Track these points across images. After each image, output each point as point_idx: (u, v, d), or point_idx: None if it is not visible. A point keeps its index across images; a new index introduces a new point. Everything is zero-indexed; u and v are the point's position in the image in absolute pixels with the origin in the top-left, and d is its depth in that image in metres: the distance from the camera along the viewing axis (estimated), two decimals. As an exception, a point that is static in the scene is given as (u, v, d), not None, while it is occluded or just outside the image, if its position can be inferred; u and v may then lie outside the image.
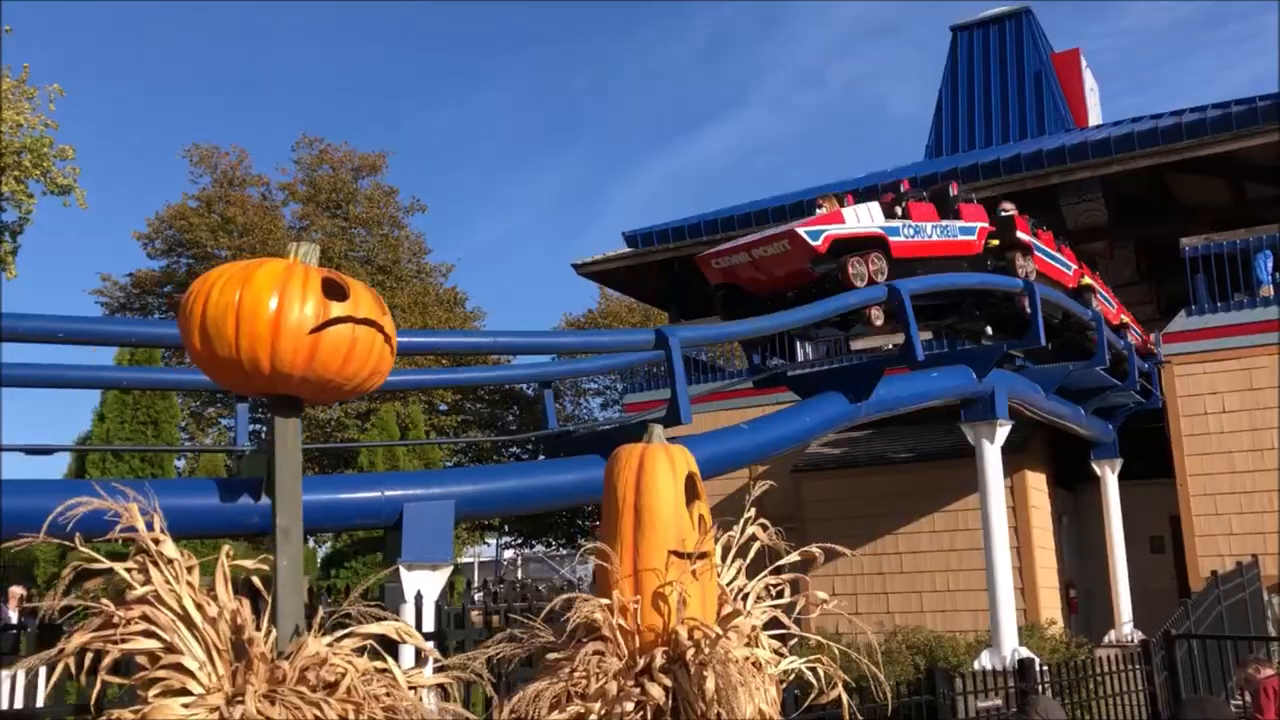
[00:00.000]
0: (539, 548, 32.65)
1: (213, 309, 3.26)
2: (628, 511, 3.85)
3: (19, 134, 17.44)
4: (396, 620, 3.50)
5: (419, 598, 5.50)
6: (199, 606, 3.27)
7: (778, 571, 4.15)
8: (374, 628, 3.43)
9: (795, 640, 4.13)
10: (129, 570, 3.27)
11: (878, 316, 9.26)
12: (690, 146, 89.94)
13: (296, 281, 3.31)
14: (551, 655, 3.79)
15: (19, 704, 5.68)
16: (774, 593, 4.11)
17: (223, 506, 5.97)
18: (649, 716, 3.55)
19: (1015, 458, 14.19)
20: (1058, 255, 12.38)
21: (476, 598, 15.79)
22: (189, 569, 3.33)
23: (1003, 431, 10.59)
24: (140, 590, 3.23)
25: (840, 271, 8.84)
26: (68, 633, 3.20)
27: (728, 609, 3.91)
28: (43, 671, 3.80)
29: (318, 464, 21.76)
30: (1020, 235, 10.98)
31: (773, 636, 3.97)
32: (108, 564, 3.25)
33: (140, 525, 3.25)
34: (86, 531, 3.22)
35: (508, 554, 36.99)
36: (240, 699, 3.15)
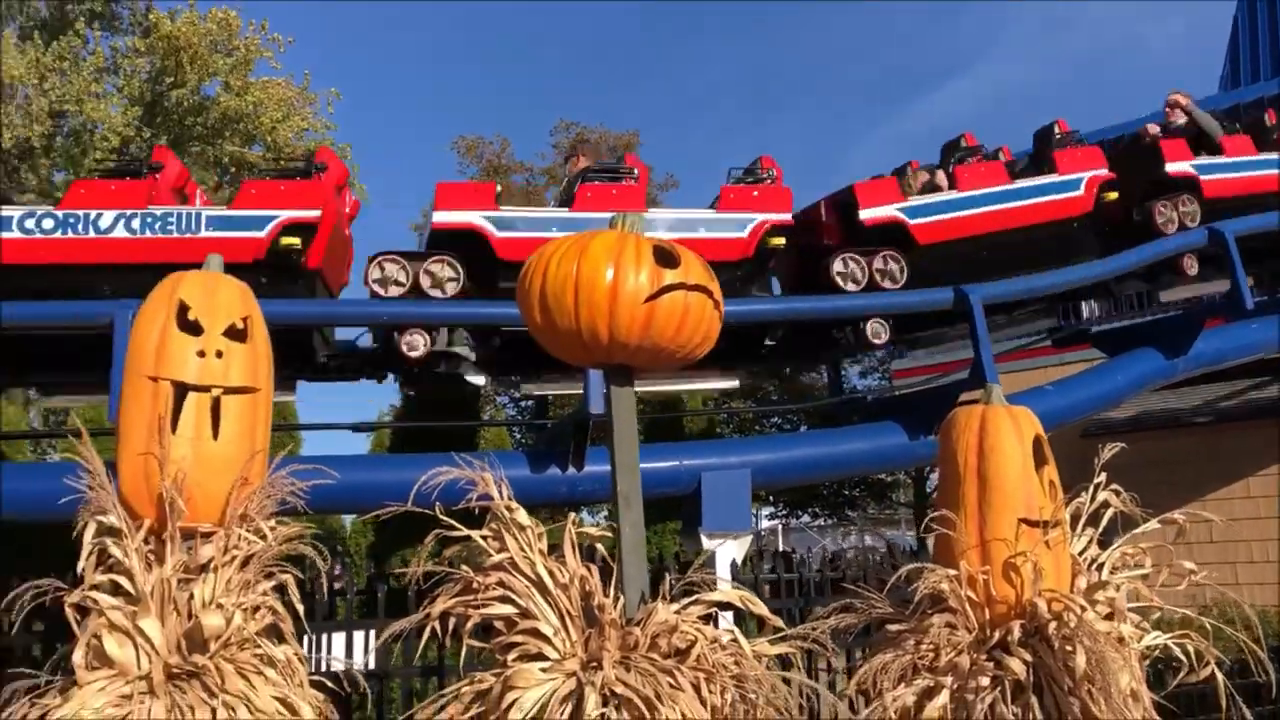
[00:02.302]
0: (804, 518, 32.37)
1: (551, 282, 3.30)
2: (970, 477, 3.64)
3: (304, 138, 18.94)
4: (740, 588, 3.46)
5: (734, 566, 5.49)
6: (550, 573, 3.34)
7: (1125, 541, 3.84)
8: (717, 595, 3.39)
9: (1157, 614, 3.81)
10: (485, 538, 3.39)
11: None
12: (931, 104, 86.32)
13: (630, 251, 3.30)
14: (893, 627, 3.65)
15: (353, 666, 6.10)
16: (1131, 563, 3.80)
17: (534, 477, 6.20)
18: (1007, 691, 3.35)
19: (1343, 415, 12.70)
20: None
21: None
22: (539, 536, 3.41)
23: (1341, 386, 9.46)
24: (497, 557, 3.34)
25: None
26: (431, 598, 3.35)
27: (1083, 580, 3.64)
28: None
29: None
30: None
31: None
32: (466, 531, 3.38)
33: (495, 494, 3.36)
34: (445, 501, 3.35)
35: (765, 524, 36.88)
36: (595, 665, 3.19)
